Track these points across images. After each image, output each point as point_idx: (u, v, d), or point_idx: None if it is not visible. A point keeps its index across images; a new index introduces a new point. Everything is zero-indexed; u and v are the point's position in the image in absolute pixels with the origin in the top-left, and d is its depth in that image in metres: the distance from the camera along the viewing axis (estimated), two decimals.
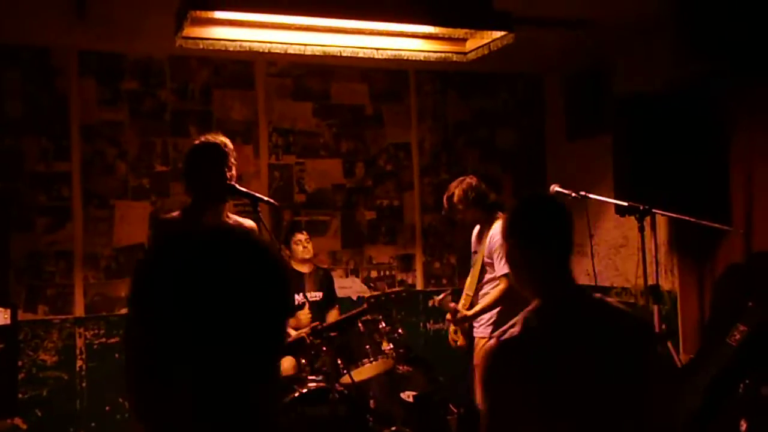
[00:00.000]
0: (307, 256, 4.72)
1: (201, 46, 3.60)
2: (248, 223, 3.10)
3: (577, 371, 1.70)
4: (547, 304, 1.78)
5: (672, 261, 4.71)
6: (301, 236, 4.71)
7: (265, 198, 3.14)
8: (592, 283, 4.85)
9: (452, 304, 3.99)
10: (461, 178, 4.06)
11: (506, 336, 1.75)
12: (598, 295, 1.84)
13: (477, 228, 4.14)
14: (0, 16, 3.99)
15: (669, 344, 3.66)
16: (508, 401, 1.72)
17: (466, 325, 4.07)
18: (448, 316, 4.02)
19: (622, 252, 5.14)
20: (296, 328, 4.27)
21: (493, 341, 1.78)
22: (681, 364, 3.81)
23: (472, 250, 4.20)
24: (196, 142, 3.06)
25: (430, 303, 4.10)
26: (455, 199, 3.97)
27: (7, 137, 4.51)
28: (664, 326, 3.81)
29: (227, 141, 3.04)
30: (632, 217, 3.45)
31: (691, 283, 4.58)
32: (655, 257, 3.78)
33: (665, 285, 4.63)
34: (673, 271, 4.69)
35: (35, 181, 4.58)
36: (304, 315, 4.45)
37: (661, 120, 4.23)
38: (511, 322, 1.79)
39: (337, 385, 3.82)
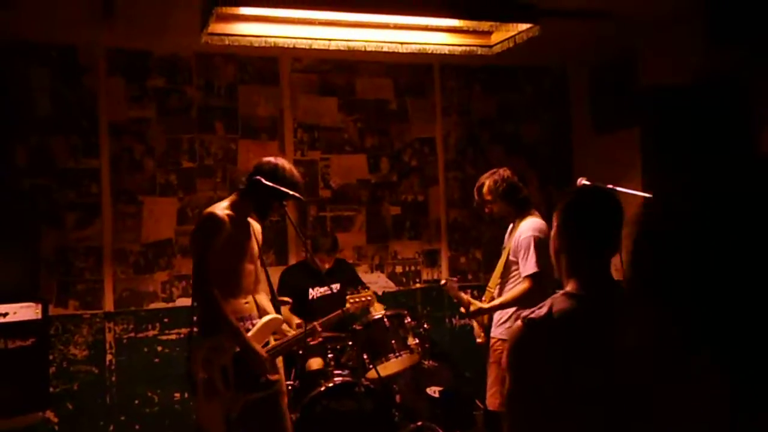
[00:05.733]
0: (327, 266, 4.67)
1: (227, 42, 3.64)
2: (255, 226, 3.38)
3: (598, 358, 1.73)
4: (580, 291, 1.82)
5: None
6: (327, 258, 4.64)
7: (291, 193, 3.17)
8: (621, 278, 4.82)
9: (463, 294, 3.87)
10: (494, 170, 3.94)
11: (532, 315, 1.79)
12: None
13: (511, 225, 4.03)
14: (28, 15, 4.04)
15: None
16: (532, 381, 1.75)
17: (485, 319, 3.97)
18: (462, 309, 3.90)
19: None
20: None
21: (518, 322, 1.80)
22: None
23: (503, 245, 4.10)
24: (278, 163, 3.25)
25: (441, 282, 4.03)
26: (485, 189, 3.87)
27: (37, 134, 4.58)
28: None
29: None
30: None
31: None
32: None
33: None
34: None
35: (65, 177, 4.64)
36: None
37: (689, 111, 4.17)
38: (539, 305, 1.82)
39: (363, 379, 3.82)
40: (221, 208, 3.17)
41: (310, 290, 4.62)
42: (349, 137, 5.37)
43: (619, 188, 3.37)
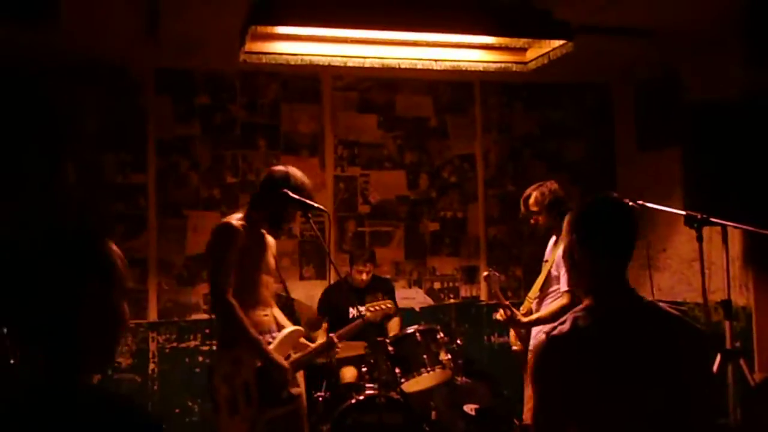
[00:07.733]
0: (366, 279, 4.71)
1: (264, 61, 3.73)
2: (270, 239, 3.34)
3: (623, 371, 1.74)
4: (599, 304, 1.82)
5: (747, 275, 4.51)
6: (363, 268, 4.65)
7: (315, 204, 3.22)
8: (665, 299, 4.71)
9: (501, 294, 3.87)
10: (541, 182, 3.96)
11: (555, 332, 1.79)
12: (651, 299, 1.86)
13: (553, 238, 4.02)
14: (79, 37, 4.21)
15: (742, 362, 3.50)
16: (556, 395, 1.77)
17: (522, 331, 3.95)
18: (501, 313, 3.87)
19: (694, 266, 4.95)
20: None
21: (542, 336, 1.80)
22: (755, 382, 3.64)
23: (544, 258, 4.08)
24: (289, 172, 3.23)
25: (484, 275, 4.07)
26: (531, 200, 3.88)
27: (88, 151, 4.77)
28: (737, 343, 3.65)
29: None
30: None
31: (767, 298, 4.37)
32: (727, 270, 3.64)
33: (739, 300, 4.43)
34: (748, 286, 4.49)
35: (114, 191, 4.82)
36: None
37: (734, 129, 4.08)
38: (561, 320, 1.82)
39: (393, 393, 3.83)
40: (236, 219, 3.17)
41: (351, 309, 4.64)
42: (388, 153, 5.43)
43: (648, 204, 3.34)
